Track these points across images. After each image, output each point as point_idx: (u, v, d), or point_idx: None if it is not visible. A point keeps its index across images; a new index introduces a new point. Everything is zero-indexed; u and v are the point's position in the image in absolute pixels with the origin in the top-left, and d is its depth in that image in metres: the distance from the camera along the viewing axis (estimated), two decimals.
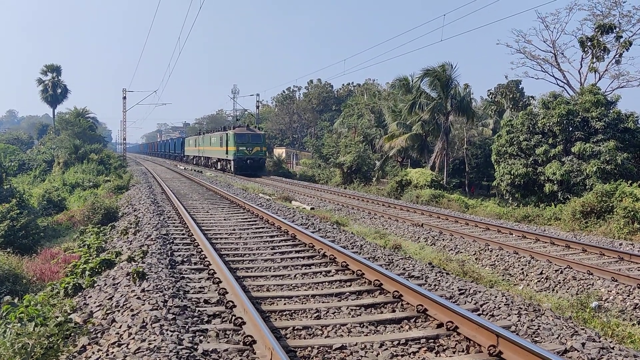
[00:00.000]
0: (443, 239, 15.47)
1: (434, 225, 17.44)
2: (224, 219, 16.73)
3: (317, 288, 8.71)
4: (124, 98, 62.21)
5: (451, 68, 39.95)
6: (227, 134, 48.16)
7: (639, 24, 37.32)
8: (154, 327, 6.36)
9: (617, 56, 37.72)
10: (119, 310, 7.30)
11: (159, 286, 8.22)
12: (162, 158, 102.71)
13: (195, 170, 51.64)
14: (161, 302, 7.40)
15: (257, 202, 21.26)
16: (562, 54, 41.12)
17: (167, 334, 6.21)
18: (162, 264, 9.92)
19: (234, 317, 6.92)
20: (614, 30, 37.02)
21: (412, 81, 43.58)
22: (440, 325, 6.74)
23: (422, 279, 9.28)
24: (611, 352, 5.88)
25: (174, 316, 6.86)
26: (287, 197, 26.00)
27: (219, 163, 53.14)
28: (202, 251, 11.26)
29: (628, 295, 9.59)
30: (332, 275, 9.51)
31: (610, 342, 6.48)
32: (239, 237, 13.54)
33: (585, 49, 37.86)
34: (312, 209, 22.12)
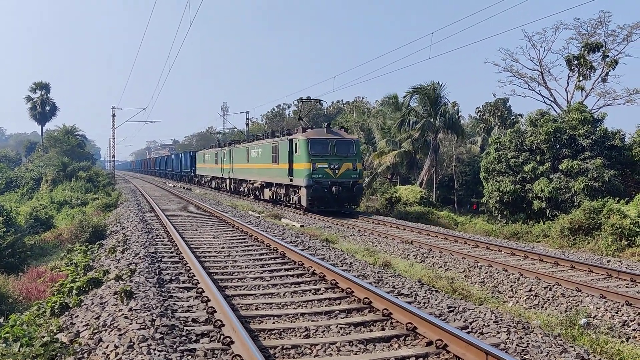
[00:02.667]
0: (432, 256, 15.47)
1: (423, 242, 17.45)
2: (213, 237, 16.66)
3: (306, 306, 8.67)
4: (113, 115, 62.06)
5: (440, 86, 40.31)
6: (290, 141, 28.21)
7: (624, 43, 37.90)
8: (141, 347, 6.29)
9: (603, 74, 38.24)
10: (106, 330, 7.21)
11: (146, 305, 8.14)
12: (161, 178, 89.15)
13: (184, 188, 51.39)
14: (149, 321, 7.33)
15: (246, 220, 21.20)
16: (549, 72, 41.58)
17: (155, 354, 6.15)
18: (150, 282, 9.84)
19: (222, 336, 6.86)
20: (601, 49, 37.57)
21: (401, 99, 43.88)
22: (429, 344, 6.72)
23: (412, 296, 9.27)
24: None
25: (161, 335, 6.79)
26: (276, 215, 25.95)
27: (268, 190, 32.41)
28: (191, 269, 11.19)
29: (617, 312, 9.61)
30: (322, 294, 9.47)
31: (599, 359, 6.49)
32: (228, 255, 13.47)
33: (572, 68, 38.36)
34: (301, 226, 22.08)
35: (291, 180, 27.99)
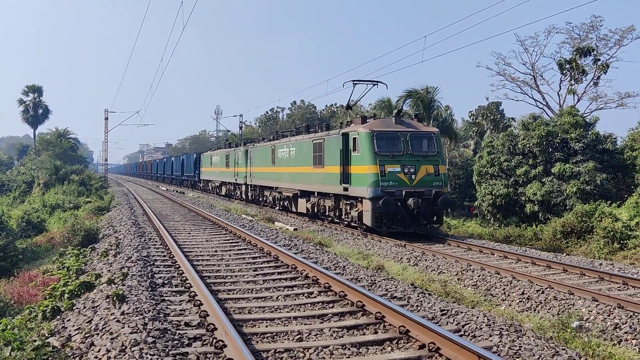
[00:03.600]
0: (425, 260, 15.48)
1: (416, 245, 17.46)
2: (206, 241, 16.63)
3: (299, 310, 8.67)
4: (106, 119, 61.88)
5: (433, 90, 40.41)
6: (344, 135, 21.11)
7: (616, 47, 38.14)
8: (133, 351, 6.27)
9: (595, 78, 38.46)
10: (98, 334, 7.18)
11: (139, 309, 8.12)
12: (159, 182, 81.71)
13: (177, 192, 51.25)
14: (141, 325, 7.31)
15: (239, 224, 21.17)
16: (541, 76, 41.75)
17: (147, 358, 6.13)
18: (143, 286, 9.81)
19: (215, 340, 6.84)
20: (592, 53, 37.79)
21: (395, 102, 43.95)
22: (422, 347, 6.73)
23: (405, 299, 9.29)
24: None
25: (154, 339, 6.77)
26: (270, 218, 25.91)
27: (305, 201, 25.32)
28: (184, 273, 11.16)
29: (608, 315, 9.65)
30: (315, 297, 9.48)
31: None
32: (221, 258, 13.45)
33: (564, 72, 38.57)
34: (295, 229, 22.06)
35: (346, 190, 20.70)
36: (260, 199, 33.56)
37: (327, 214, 23.45)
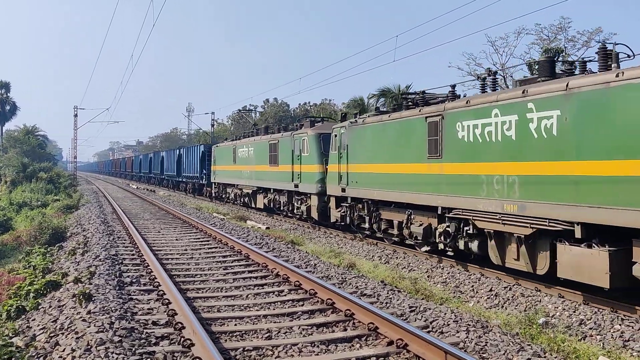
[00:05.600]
0: (397, 257, 15.56)
1: (388, 243, 17.54)
2: (176, 239, 16.49)
3: (269, 308, 8.65)
4: (75, 115, 60.88)
5: (407, 88, 40.61)
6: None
7: (584, 49, 38.82)
8: (99, 350, 6.19)
9: None
10: (63, 333, 7.07)
11: (105, 308, 8.02)
12: (145, 183, 67.68)
13: (147, 190, 50.71)
14: (107, 324, 7.22)
15: (210, 222, 21.04)
16: (511, 77, 42.28)
17: (113, 357, 6.05)
18: (110, 285, 9.69)
19: (182, 339, 6.79)
20: (561, 54, 38.41)
21: (367, 101, 44.08)
22: (390, 343, 6.77)
23: (374, 297, 9.33)
24: None
25: (120, 338, 6.69)
26: (242, 217, 25.79)
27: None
28: (152, 272, 11.05)
29: (574, 311, 9.81)
30: (285, 295, 9.47)
31: (556, 357, 6.63)
32: (191, 257, 13.35)
33: (533, 72, 39.12)
34: (267, 228, 21.99)
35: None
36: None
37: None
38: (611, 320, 9.08)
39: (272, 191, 25.62)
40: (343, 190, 18.29)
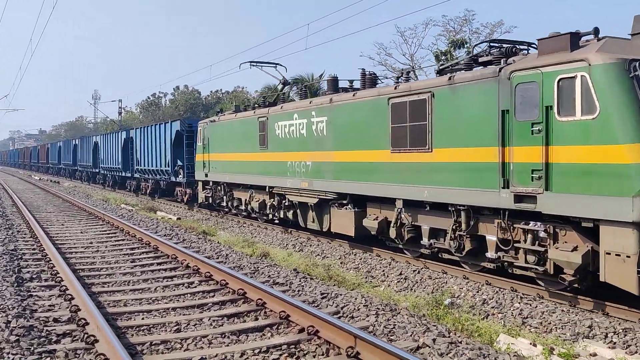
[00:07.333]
0: (310, 245, 15.66)
1: (302, 232, 17.62)
2: (81, 232, 15.79)
3: (178, 300, 8.45)
4: None
5: (320, 77, 40.79)
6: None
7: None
8: None
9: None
10: None
11: (1, 306, 7.57)
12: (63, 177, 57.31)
13: (51, 181, 48.27)
14: (3, 323, 6.83)
15: (118, 214, 20.32)
16: (420, 67, 43.47)
17: (9, 358, 5.71)
18: (8, 281, 9.15)
19: (86, 336, 6.51)
20: (466, 46, 39.86)
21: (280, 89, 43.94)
22: (302, 330, 6.78)
23: (287, 285, 9.34)
24: (459, 346, 6.24)
25: (17, 338, 6.34)
26: (151, 208, 25.08)
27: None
28: (55, 267, 10.51)
29: (477, 292, 10.25)
30: (195, 287, 9.29)
31: (459, 336, 6.88)
32: (97, 250, 12.83)
33: (440, 63, 40.38)
34: (178, 219, 21.50)
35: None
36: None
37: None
38: (511, 299, 9.57)
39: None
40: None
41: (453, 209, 10.61)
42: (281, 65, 20.14)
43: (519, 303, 9.32)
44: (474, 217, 10.38)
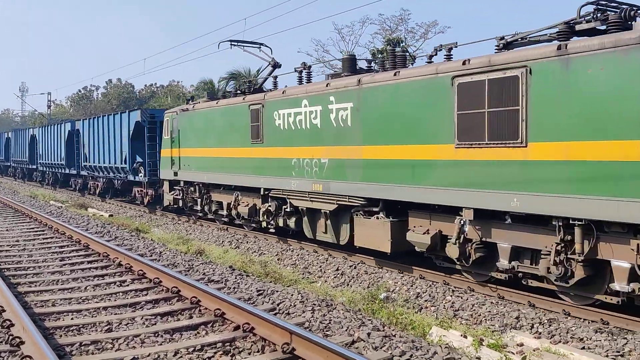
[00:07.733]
0: (247, 242, 15.56)
1: (232, 229, 17.46)
2: (6, 230, 15.12)
3: (109, 299, 8.22)
4: None
5: (257, 72, 40.50)
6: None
7: (422, 40, 41.29)
8: None
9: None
10: None
11: None
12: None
13: None
14: None
15: (46, 211, 19.57)
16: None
17: None
18: None
19: (11, 337, 6.24)
20: (401, 45, 40.54)
21: (217, 84, 43.37)
22: (237, 328, 6.73)
23: (222, 282, 9.26)
24: (393, 339, 6.35)
25: None
26: (82, 204, 24.28)
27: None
28: None
29: (412, 285, 10.46)
30: (127, 285, 9.07)
31: (393, 330, 7.01)
32: (23, 249, 12.33)
33: (376, 61, 40.90)
34: (110, 215, 20.92)
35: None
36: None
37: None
38: (443, 292, 9.81)
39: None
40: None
41: (560, 223, 7.90)
42: (266, 45, 17.16)
43: (451, 296, 9.57)
44: (595, 236, 7.63)
